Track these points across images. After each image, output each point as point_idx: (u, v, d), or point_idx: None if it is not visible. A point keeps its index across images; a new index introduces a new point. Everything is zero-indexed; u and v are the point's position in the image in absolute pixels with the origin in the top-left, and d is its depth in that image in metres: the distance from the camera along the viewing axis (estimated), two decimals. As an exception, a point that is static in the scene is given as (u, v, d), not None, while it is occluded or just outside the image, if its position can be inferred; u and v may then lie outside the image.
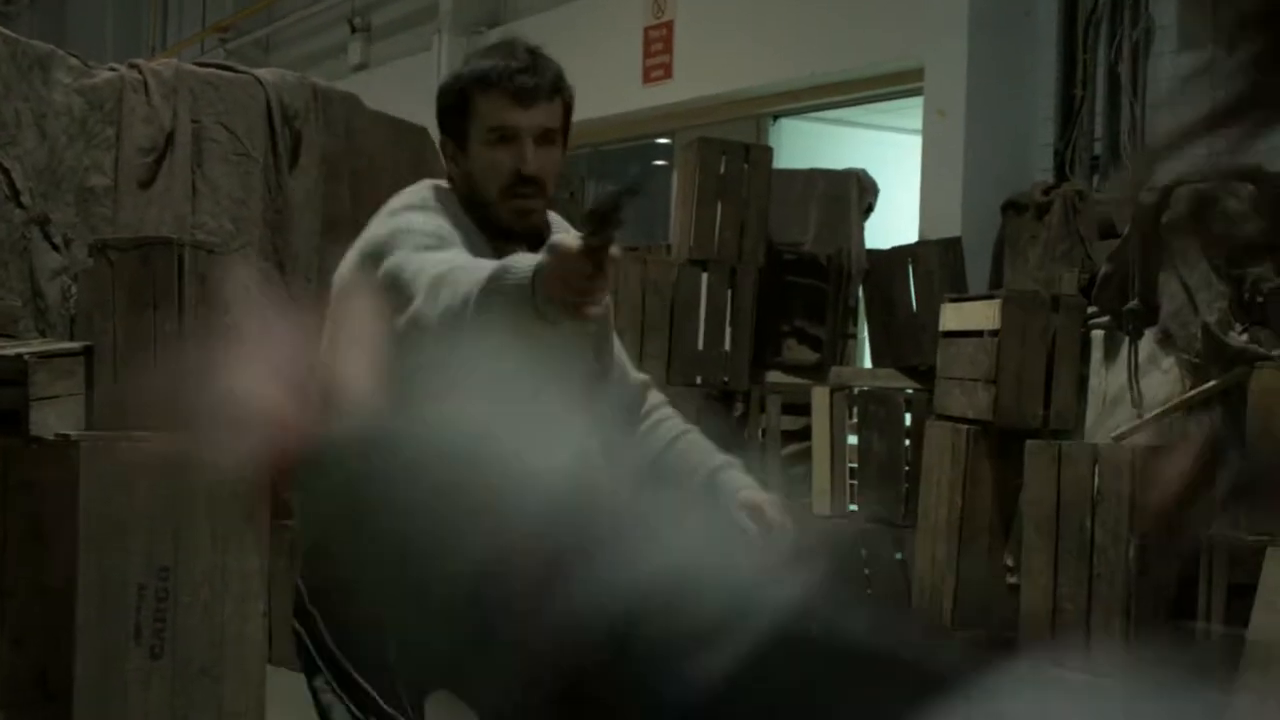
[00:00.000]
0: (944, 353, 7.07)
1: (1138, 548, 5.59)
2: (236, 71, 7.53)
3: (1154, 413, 6.35)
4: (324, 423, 1.75)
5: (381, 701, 2.79)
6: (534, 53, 3.10)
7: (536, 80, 3.03)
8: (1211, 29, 8.58)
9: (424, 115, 14.00)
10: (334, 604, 2.87)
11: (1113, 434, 6.39)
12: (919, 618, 6.11)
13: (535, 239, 2.97)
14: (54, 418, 5.11)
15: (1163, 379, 6.45)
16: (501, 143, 3.01)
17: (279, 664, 6.65)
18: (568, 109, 3.13)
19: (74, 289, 6.67)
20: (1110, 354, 6.74)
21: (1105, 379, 6.77)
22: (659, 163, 14.64)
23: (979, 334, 6.80)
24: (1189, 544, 5.48)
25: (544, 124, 3.04)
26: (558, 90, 3.09)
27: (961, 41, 9.18)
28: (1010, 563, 6.69)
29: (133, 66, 7.23)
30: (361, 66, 18.25)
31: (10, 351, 5.24)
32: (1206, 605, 5.35)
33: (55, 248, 6.70)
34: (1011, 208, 8.34)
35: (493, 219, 3.06)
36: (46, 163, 6.77)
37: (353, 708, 2.84)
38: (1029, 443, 6.23)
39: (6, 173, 6.60)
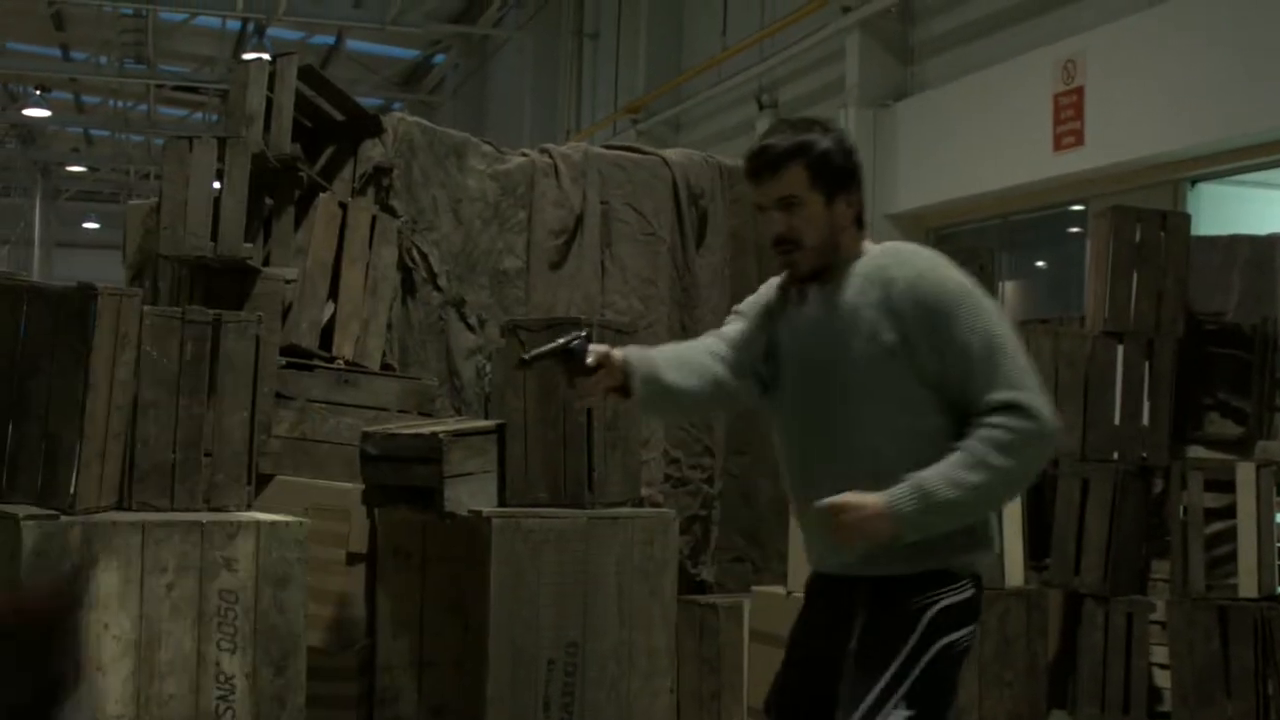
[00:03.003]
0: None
1: None
2: (644, 153, 7.65)
3: None
4: None
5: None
6: (771, 132, 3.79)
7: (761, 162, 3.70)
8: None
9: (831, 190, 13.96)
10: None
11: None
12: None
13: (822, 276, 3.75)
14: (467, 494, 5.23)
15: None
16: (760, 213, 3.79)
17: (686, 741, 6.67)
18: (812, 170, 3.68)
19: (488, 368, 6.85)
20: None
21: None
22: (1073, 230, 14.34)
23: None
24: None
25: (780, 193, 3.68)
26: (786, 161, 3.67)
27: (1393, 96, 8.73)
28: None
29: (543, 151, 7.42)
30: (769, 143, 18.38)
31: (427, 430, 5.40)
32: None
33: (470, 328, 6.90)
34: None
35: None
36: (462, 246, 6.99)
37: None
38: None
39: (425, 257, 6.85)
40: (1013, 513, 8.02)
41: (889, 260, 3.76)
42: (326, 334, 6.50)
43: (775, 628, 6.53)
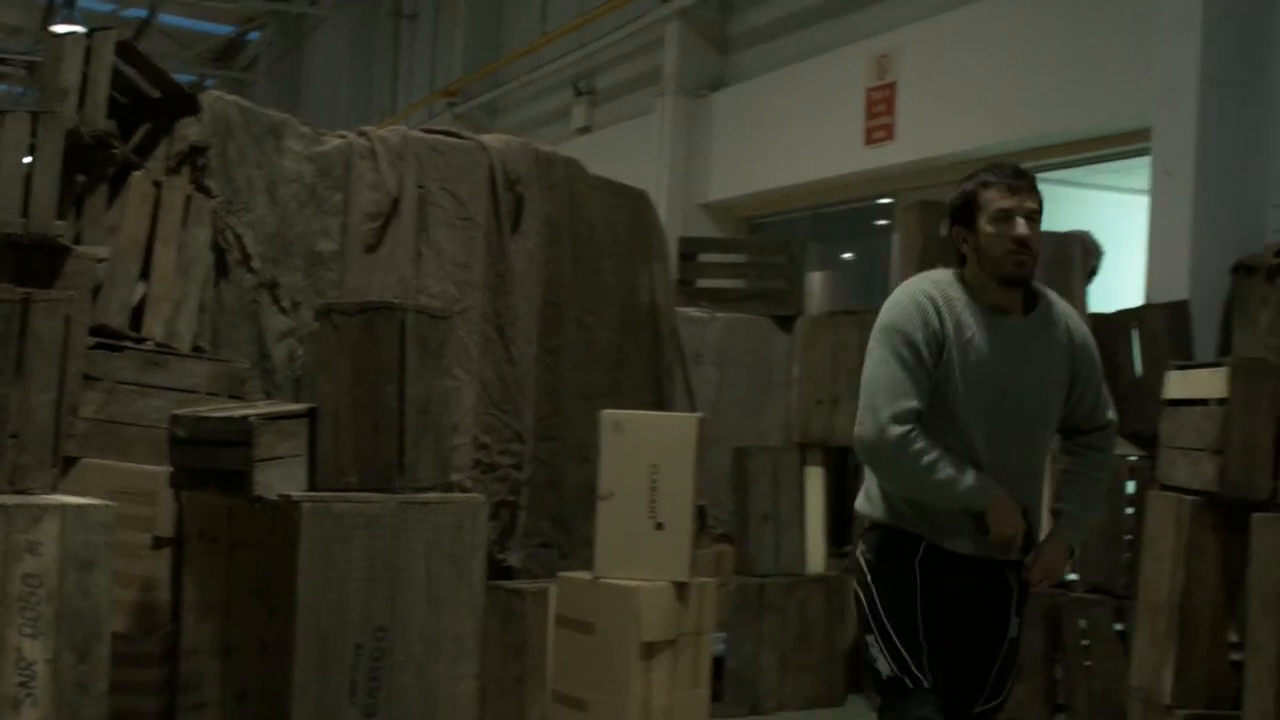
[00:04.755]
0: (1168, 421, 6.90)
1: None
2: (461, 137, 7.66)
3: (1390, 486, 6.12)
4: None
5: (910, 660, 4.24)
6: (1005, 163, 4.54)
7: (1023, 176, 4.44)
8: None
9: (646, 177, 14.20)
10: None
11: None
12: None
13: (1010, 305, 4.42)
14: (277, 478, 5.21)
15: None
16: (1003, 220, 4.35)
17: (491, 725, 6.71)
18: (1041, 201, 4.45)
19: (300, 351, 6.83)
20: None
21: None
22: (882, 223, 14.57)
23: (1205, 402, 6.62)
24: None
25: (1034, 205, 4.40)
26: (1035, 184, 4.45)
27: (1190, 101, 8.98)
28: (1234, 639, 6.48)
29: (361, 134, 7.40)
30: (585, 129, 18.48)
31: (237, 413, 5.37)
32: None
33: (283, 311, 6.87)
34: (1241, 270, 8.12)
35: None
36: (277, 228, 6.95)
37: (891, 662, 4.26)
38: (1255, 515, 6.03)
39: (239, 238, 6.80)
40: (815, 501, 8.18)
41: (1058, 301, 4.52)
42: (137, 314, 6.42)
43: (580, 613, 6.61)
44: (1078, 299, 8.70)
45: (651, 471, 6.50)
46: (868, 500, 4.49)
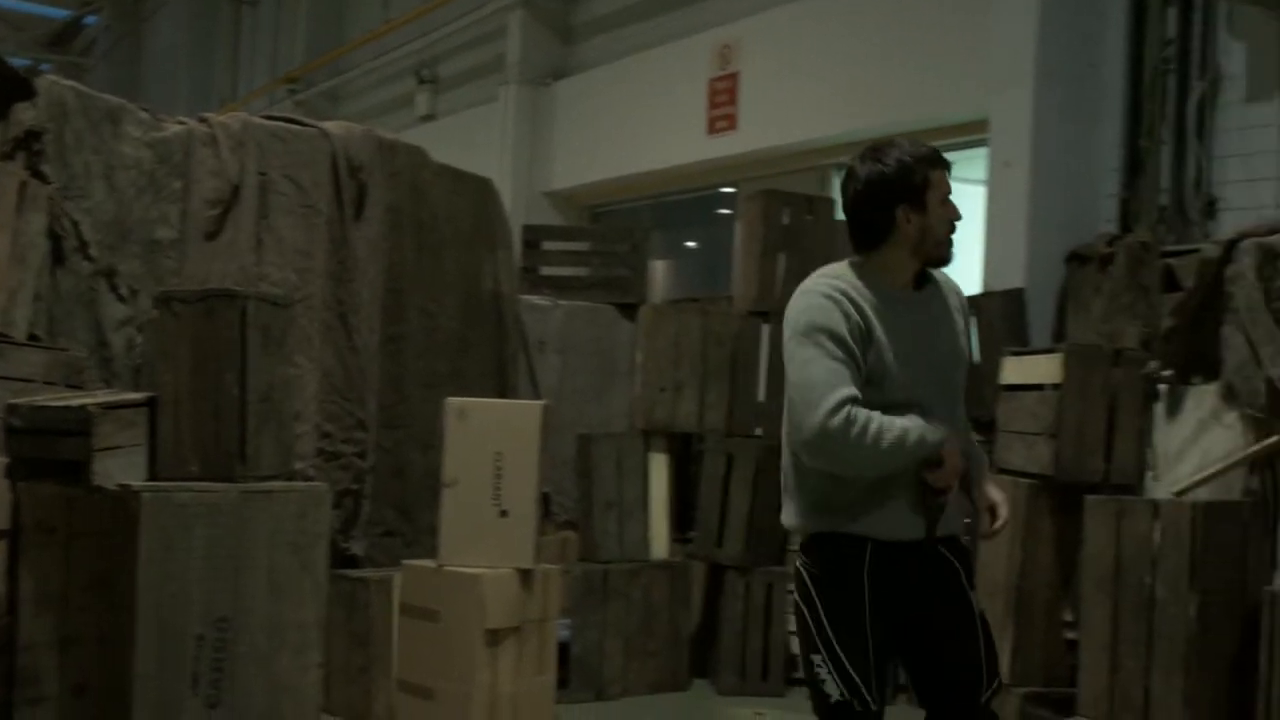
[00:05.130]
0: (1004, 406, 7.04)
1: (1199, 605, 5.54)
2: (303, 124, 7.59)
3: (1216, 468, 6.29)
4: None
5: (860, 683, 4.13)
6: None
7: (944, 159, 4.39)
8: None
9: (489, 165, 14.14)
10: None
11: (1174, 489, 6.33)
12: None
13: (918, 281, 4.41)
14: (116, 468, 5.15)
15: (1225, 434, 6.39)
16: (945, 204, 4.30)
17: (334, 714, 6.68)
18: None
19: (139, 340, 6.74)
20: (1173, 408, 6.69)
21: (1168, 433, 6.72)
22: (724, 212, 14.65)
23: (1040, 387, 6.77)
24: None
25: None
26: None
27: (1027, 92, 9.15)
28: (1069, 619, 6.63)
29: (201, 120, 7.32)
30: (429, 117, 18.40)
31: (75, 402, 5.30)
32: (1269, 664, 5.29)
33: (121, 299, 6.77)
34: (1075, 259, 8.30)
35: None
36: (115, 215, 6.85)
37: (841, 685, 4.14)
38: (1089, 498, 6.18)
39: (75, 225, 6.69)
40: (658, 487, 8.23)
41: (941, 273, 4.50)
42: (-30, 303, 6.30)
43: (425, 601, 6.59)
44: (916, 287, 8.82)
45: (495, 459, 6.49)
46: (799, 514, 4.32)
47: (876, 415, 4.06)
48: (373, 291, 7.52)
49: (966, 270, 9.38)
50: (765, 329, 8.40)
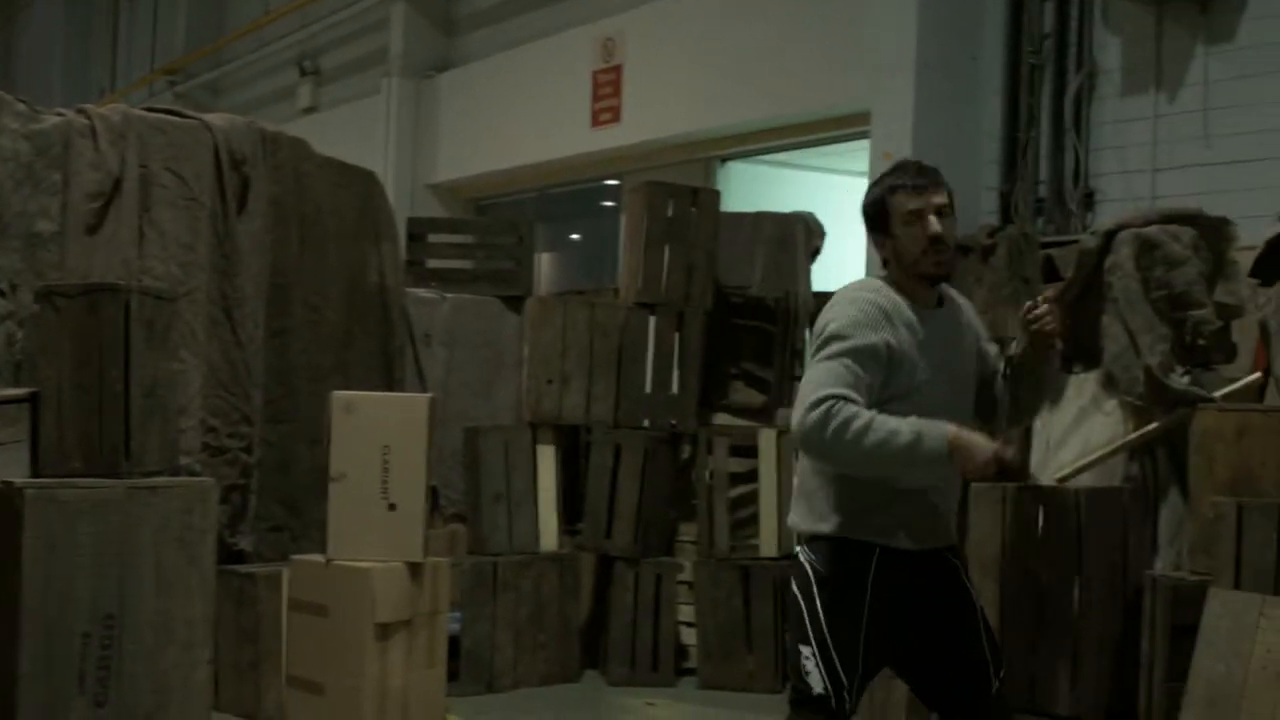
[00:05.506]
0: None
1: (1082, 589, 5.63)
2: (185, 116, 7.51)
3: (1097, 455, 6.39)
4: None
5: (845, 682, 4.29)
6: (911, 161, 4.65)
7: (928, 174, 4.51)
8: (1154, 73, 8.67)
9: (373, 158, 14.05)
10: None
11: (1056, 476, 6.42)
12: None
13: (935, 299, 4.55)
14: (-2, 465, 5.09)
15: (1105, 421, 6.49)
16: (915, 219, 4.44)
17: (224, 711, 6.63)
18: (950, 195, 4.52)
19: (20, 336, 6.64)
20: (1054, 396, 6.79)
21: (1050, 421, 6.81)
22: (609, 205, 14.68)
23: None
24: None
25: (942, 201, 4.45)
26: (942, 179, 4.52)
27: (908, 86, 9.25)
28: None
29: (80, 112, 7.21)
30: (311, 109, 18.27)
31: (-46, 398, 5.22)
32: (1150, 646, 5.39)
33: (1, 293, 6.67)
34: (957, 250, 8.38)
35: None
36: (-8, 208, 6.74)
37: (826, 679, 4.29)
38: (974, 485, 6.25)
39: (-48, 219, 6.58)
40: (546, 480, 8.23)
41: (948, 288, 4.64)
42: None
43: (314, 596, 6.56)
44: (802, 278, 8.90)
45: (383, 452, 6.47)
46: (811, 514, 4.45)
47: (866, 414, 4.15)
48: (257, 285, 7.45)
49: (850, 261, 9.47)
50: (652, 320, 8.42)
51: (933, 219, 4.41)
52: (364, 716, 6.46)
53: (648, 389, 8.42)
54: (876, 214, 4.54)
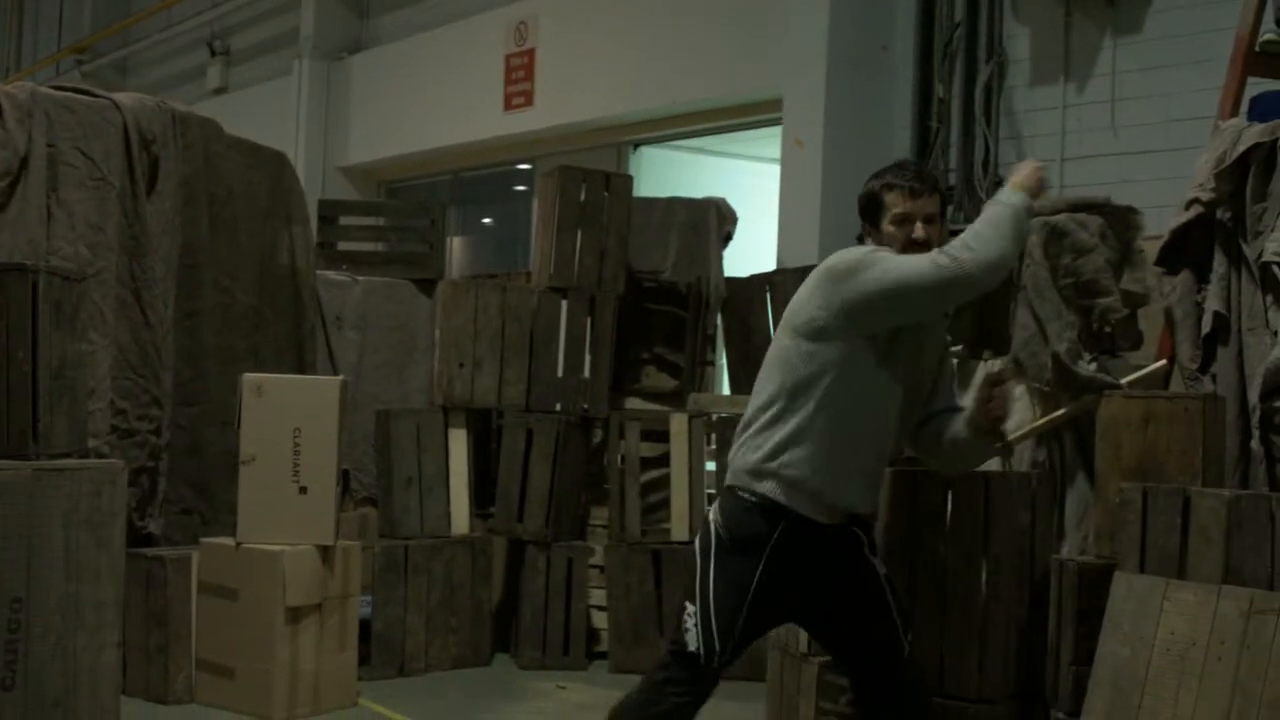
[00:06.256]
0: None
1: (989, 573, 5.69)
2: (94, 95, 7.44)
3: (1004, 441, 6.44)
4: None
5: (719, 647, 4.47)
6: (910, 163, 4.91)
7: (924, 179, 4.72)
8: (1063, 64, 8.77)
9: (284, 139, 13.95)
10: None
11: (965, 460, 6.46)
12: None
13: None
14: (-98, 447, 5.03)
15: (1014, 407, 6.55)
16: (904, 222, 4.63)
17: (132, 694, 6.59)
18: (943, 203, 4.76)
19: (-76, 315, 6.56)
20: (963, 382, 6.84)
21: (958, 407, 6.87)
22: (521, 188, 14.66)
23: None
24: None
25: (931, 209, 4.65)
26: (937, 187, 4.74)
27: (820, 73, 9.30)
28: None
29: (-14, 90, 7.13)
30: (221, 90, 18.12)
31: None
32: (1057, 630, 5.45)
33: (-95, 273, 6.58)
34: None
35: None
36: (-105, 187, 6.66)
37: (701, 639, 4.48)
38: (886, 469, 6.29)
39: None
40: (458, 463, 8.23)
41: None
42: None
43: (224, 579, 6.54)
44: (714, 263, 8.93)
45: (294, 435, 6.46)
46: (748, 472, 4.58)
47: (957, 240, 4.45)
48: (167, 266, 7.40)
49: (761, 247, 9.53)
50: (564, 305, 8.43)
51: (919, 225, 4.60)
52: (274, 700, 6.44)
53: (560, 373, 8.43)
54: (869, 205, 4.73)
